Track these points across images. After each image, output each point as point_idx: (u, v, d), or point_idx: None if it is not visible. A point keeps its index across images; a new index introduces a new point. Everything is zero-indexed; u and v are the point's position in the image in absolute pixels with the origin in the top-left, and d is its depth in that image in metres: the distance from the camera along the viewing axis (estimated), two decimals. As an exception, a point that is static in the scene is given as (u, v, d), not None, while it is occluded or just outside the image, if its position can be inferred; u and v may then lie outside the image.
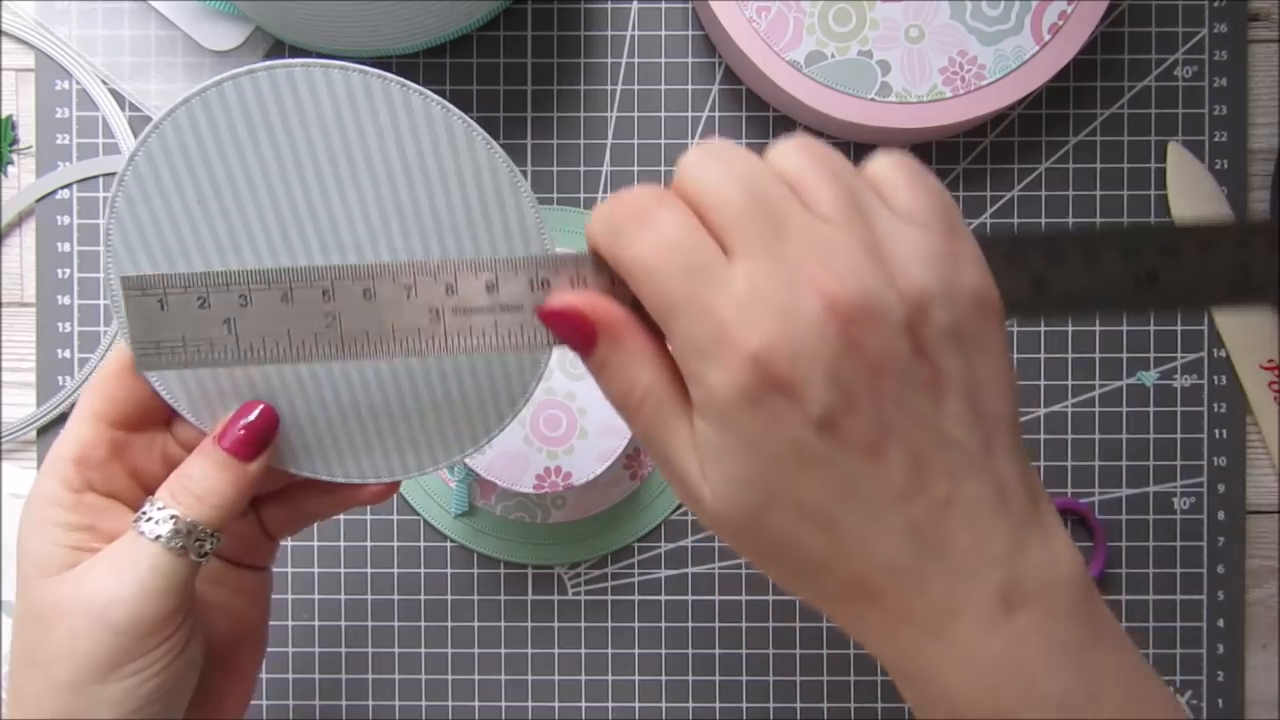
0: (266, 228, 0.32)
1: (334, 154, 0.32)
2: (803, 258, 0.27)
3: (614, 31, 0.50)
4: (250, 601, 0.37)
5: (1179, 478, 0.50)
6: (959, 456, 0.27)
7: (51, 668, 0.31)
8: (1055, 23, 0.45)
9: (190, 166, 0.32)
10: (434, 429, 0.34)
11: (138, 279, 0.31)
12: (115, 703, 0.31)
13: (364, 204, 0.32)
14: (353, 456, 0.35)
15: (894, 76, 0.45)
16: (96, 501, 0.33)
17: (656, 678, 0.50)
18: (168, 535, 0.32)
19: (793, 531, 0.28)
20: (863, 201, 0.28)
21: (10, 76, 0.50)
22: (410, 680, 0.50)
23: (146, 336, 0.31)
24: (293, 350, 0.31)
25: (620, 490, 0.49)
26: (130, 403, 0.34)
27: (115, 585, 0.31)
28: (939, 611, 0.27)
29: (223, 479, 0.32)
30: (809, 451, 0.27)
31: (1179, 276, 0.30)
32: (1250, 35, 0.50)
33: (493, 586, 0.50)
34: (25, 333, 0.50)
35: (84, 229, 0.49)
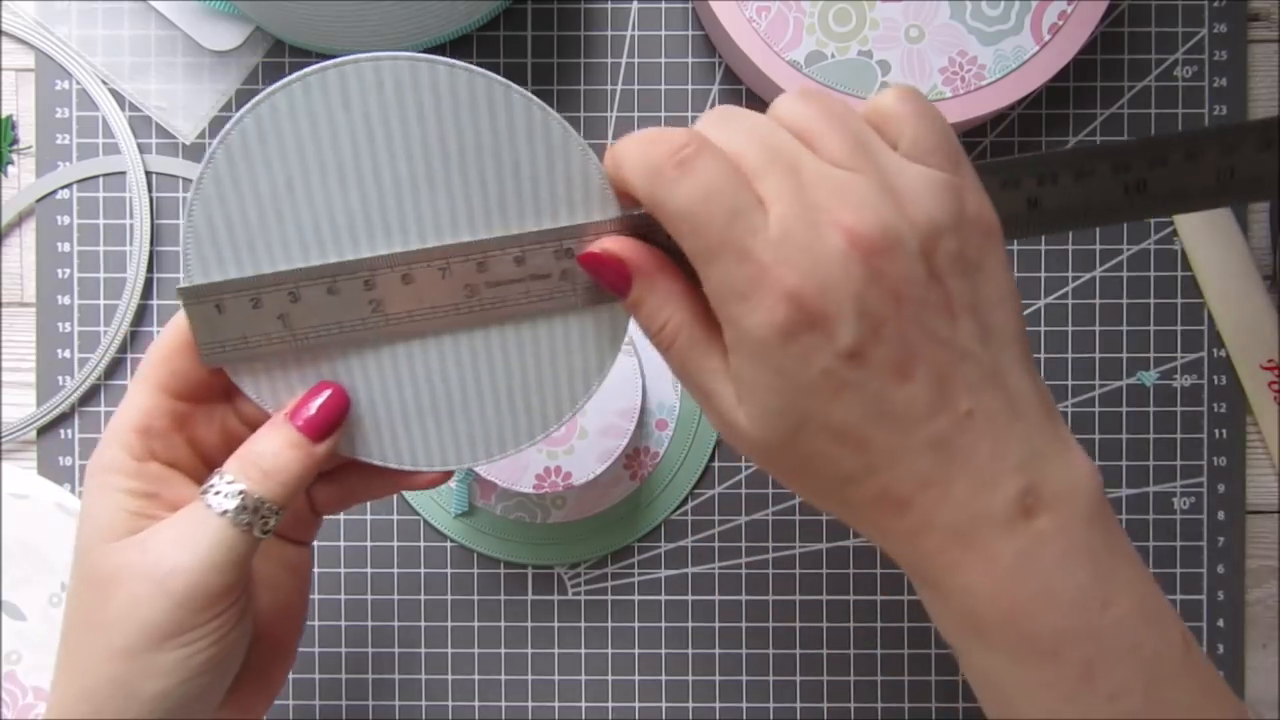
0: (351, 221, 0.33)
1: (426, 148, 0.33)
2: (821, 199, 0.28)
3: (614, 31, 0.50)
4: (293, 575, 0.37)
5: (1179, 478, 0.50)
6: (976, 370, 0.29)
7: (110, 632, 0.31)
8: (1055, 23, 0.45)
9: (268, 161, 0.32)
10: (492, 422, 0.35)
11: (193, 289, 0.32)
12: (168, 671, 0.31)
13: (452, 198, 0.33)
14: (409, 444, 0.35)
15: (894, 76, 0.45)
16: (159, 470, 0.33)
17: (656, 678, 0.50)
18: (235, 510, 0.32)
19: (824, 451, 0.30)
20: (869, 144, 0.30)
21: (10, 76, 0.50)
22: (410, 680, 0.50)
23: (211, 338, 0.33)
24: (344, 334, 0.33)
25: (620, 490, 0.49)
26: (192, 376, 0.34)
27: (178, 555, 0.31)
28: (962, 518, 0.29)
29: (292, 458, 0.33)
30: (840, 378, 0.29)
31: (1167, 183, 0.32)
32: (1250, 35, 0.50)
33: (493, 586, 0.50)
34: (25, 333, 0.50)
35: (84, 229, 0.49)
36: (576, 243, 0.32)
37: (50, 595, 0.48)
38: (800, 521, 0.50)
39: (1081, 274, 0.50)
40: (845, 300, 0.28)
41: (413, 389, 0.35)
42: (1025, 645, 0.29)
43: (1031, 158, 0.32)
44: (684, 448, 0.49)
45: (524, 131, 0.33)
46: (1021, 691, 0.30)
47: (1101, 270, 0.50)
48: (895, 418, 0.29)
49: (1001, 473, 0.29)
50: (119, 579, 0.32)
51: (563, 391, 0.35)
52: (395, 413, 0.35)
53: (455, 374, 0.35)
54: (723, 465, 0.50)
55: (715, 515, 0.50)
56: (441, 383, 0.35)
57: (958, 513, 0.29)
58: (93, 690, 0.32)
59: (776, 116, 0.31)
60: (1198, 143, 0.32)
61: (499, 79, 0.32)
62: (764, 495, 0.50)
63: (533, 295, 0.33)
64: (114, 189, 0.49)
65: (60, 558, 0.48)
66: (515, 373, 0.35)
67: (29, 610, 0.48)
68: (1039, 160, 0.32)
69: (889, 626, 0.50)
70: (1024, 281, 0.49)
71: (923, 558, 0.30)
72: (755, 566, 0.50)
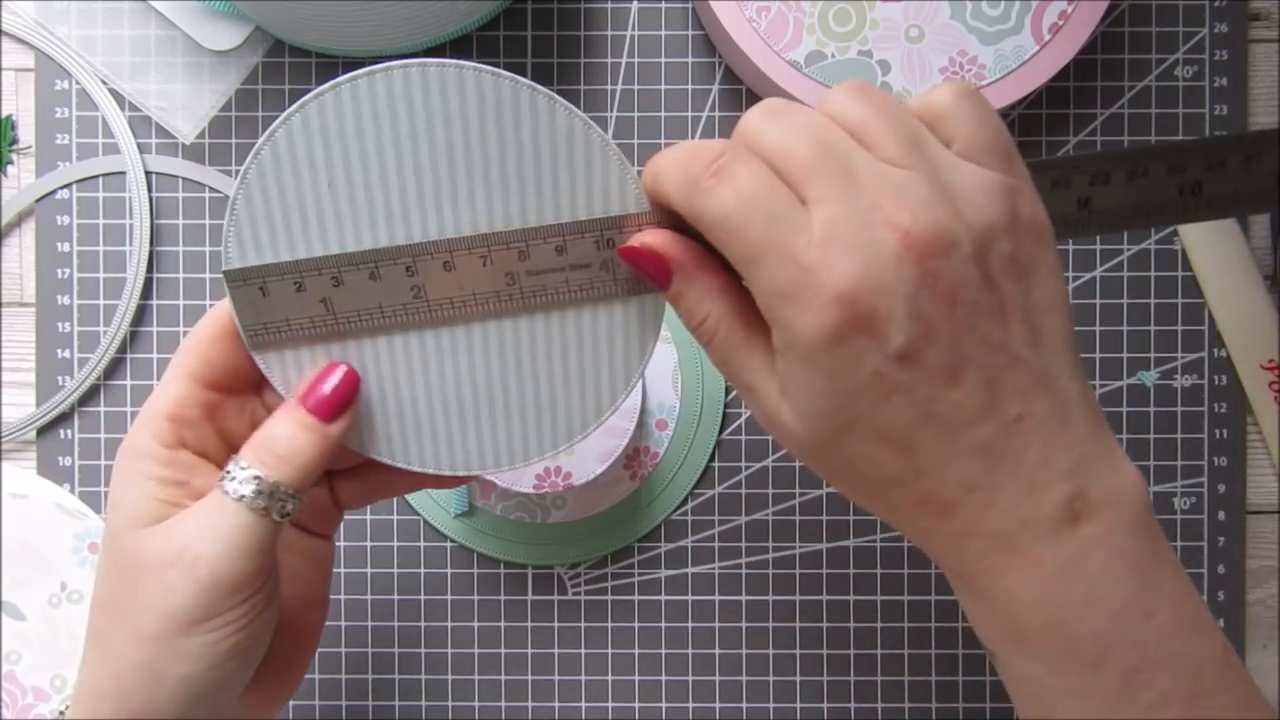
0: (390, 217, 0.34)
1: (466, 152, 0.33)
2: (874, 199, 0.28)
3: (614, 31, 0.50)
4: (315, 566, 0.38)
5: (1179, 478, 0.50)
6: (1027, 376, 0.29)
7: (138, 617, 0.32)
8: (1055, 23, 0.45)
9: (312, 159, 0.33)
10: (517, 429, 0.35)
11: (239, 271, 0.33)
12: (195, 656, 0.32)
13: (490, 204, 0.34)
14: (434, 448, 0.35)
15: (894, 76, 0.45)
16: (189, 459, 0.34)
17: (656, 678, 0.50)
18: (251, 495, 0.32)
19: (870, 453, 0.29)
20: (923, 142, 0.29)
21: (10, 76, 0.50)
22: (410, 680, 0.50)
23: (255, 320, 0.33)
24: (385, 320, 0.33)
25: (620, 490, 0.49)
26: (225, 366, 0.34)
27: (200, 542, 0.32)
28: (1008, 523, 0.29)
29: (305, 440, 0.33)
30: (891, 381, 0.28)
31: (1223, 186, 0.32)
32: (1250, 35, 0.50)
33: (493, 586, 0.50)
34: (25, 333, 0.50)
35: (84, 229, 0.49)
36: (618, 234, 0.33)
37: (50, 595, 0.48)
38: (800, 521, 0.50)
39: (1082, 274, 0.50)
40: (897, 302, 0.28)
41: (440, 393, 0.35)
42: (1066, 653, 0.29)
43: (1084, 157, 0.32)
44: (684, 448, 0.49)
45: (565, 143, 0.33)
46: (1060, 699, 0.29)
47: (1101, 270, 0.50)
48: (943, 421, 0.29)
49: (1049, 479, 0.29)
50: (147, 565, 0.32)
51: (587, 403, 0.35)
52: (422, 416, 0.35)
53: (483, 382, 0.35)
54: (723, 465, 0.50)
55: (715, 515, 0.50)
56: (469, 388, 0.35)
57: (1003, 518, 0.29)
58: (121, 674, 0.32)
59: (828, 112, 0.30)
60: (1258, 145, 0.32)
61: (543, 89, 0.33)
62: (764, 495, 0.50)
63: (573, 285, 0.33)
64: (114, 189, 0.49)
65: (60, 558, 0.48)
66: (543, 381, 0.35)
67: (29, 610, 0.48)
68: (1091, 159, 0.32)
69: (889, 626, 0.50)
70: (1024, 281, 0.49)
71: (966, 562, 0.30)
72: (755, 566, 0.50)
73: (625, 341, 0.35)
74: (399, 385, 0.35)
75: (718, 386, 0.49)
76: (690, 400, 0.49)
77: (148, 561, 0.32)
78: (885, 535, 0.50)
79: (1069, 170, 0.31)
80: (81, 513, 0.49)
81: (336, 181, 0.33)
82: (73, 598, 0.48)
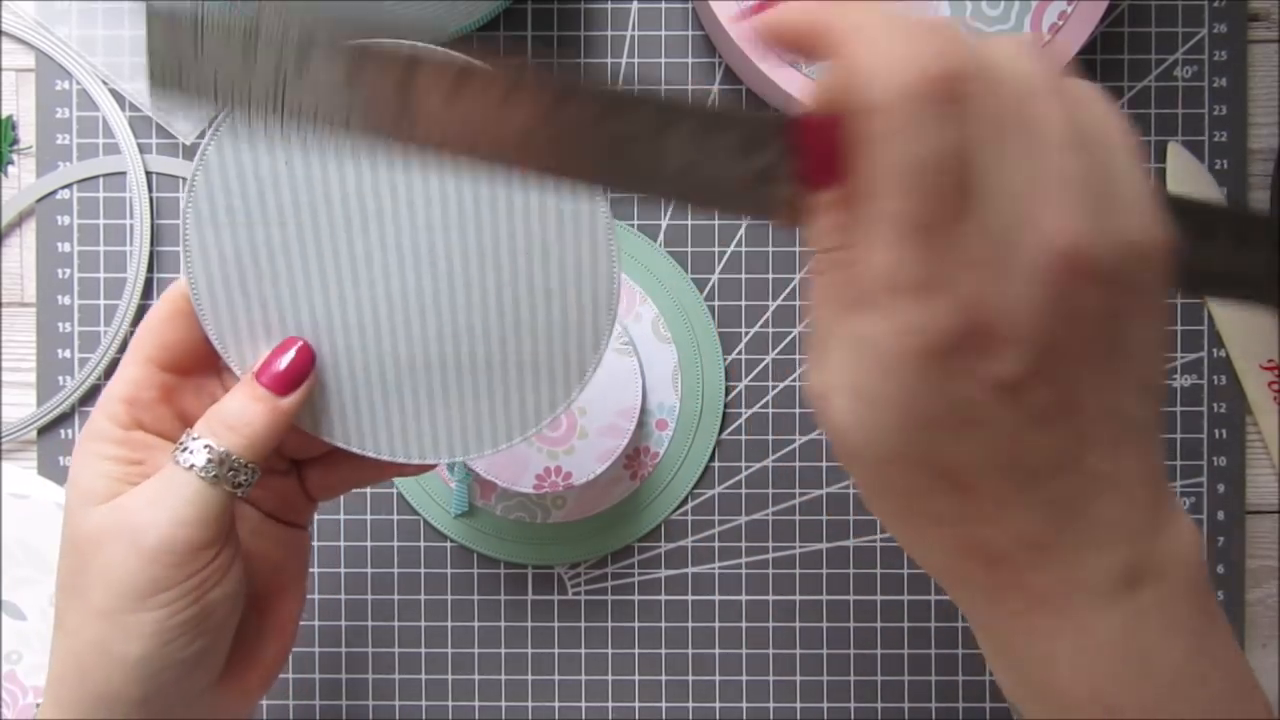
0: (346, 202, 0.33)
1: None
2: (1037, 192, 0.23)
3: (614, 31, 0.50)
4: (289, 554, 0.38)
5: (1179, 478, 0.50)
6: (1122, 429, 0.25)
7: (90, 594, 0.32)
8: (1055, 23, 0.45)
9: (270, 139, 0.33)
10: (484, 415, 0.35)
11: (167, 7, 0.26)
12: (148, 633, 0.32)
13: (445, 192, 0.33)
14: (398, 434, 0.35)
15: (894, 76, 0.45)
16: (144, 438, 0.34)
17: (656, 678, 0.50)
18: (202, 465, 0.32)
19: (922, 485, 0.26)
20: (1089, 139, 0.24)
21: (10, 76, 0.50)
22: (410, 680, 0.50)
23: (171, 58, 0.26)
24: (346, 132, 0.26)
25: (620, 490, 0.49)
26: (180, 347, 0.35)
27: (150, 513, 0.32)
28: (1059, 583, 0.26)
29: (257, 411, 0.33)
30: (979, 413, 0.24)
31: None
32: (1250, 35, 0.50)
33: (493, 586, 0.50)
34: (25, 333, 0.50)
35: (84, 229, 0.49)
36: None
37: (50, 595, 0.48)
38: (800, 521, 0.50)
39: (1081, 274, 0.50)
40: (1023, 323, 0.23)
41: (397, 377, 0.35)
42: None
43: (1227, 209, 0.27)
44: (684, 448, 0.49)
45: None
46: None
47: (1101, 270, 0.50)
48: (1021, 468, 0.25)
49: (1115, 540, 0.26)
50: (97, 541, 0.32)
51: (544, 393, 0.35)
52: (379, 401, 0.35)
53: (440, 366, 0.35)
54: (723, 465, 0.50)
55: (715, 515, 0.50)
56: (424, 372, 0.35)
57: (1055, 577, 0.26)
58: (78, 654, 0.32)
59: (997, 67, 0.24)
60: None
61: None
62: (764, 495, 0.50)
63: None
64: (114, 189, 0.49)
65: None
66: (499, 370, 0.35)
67: (29, 610, 0.48)
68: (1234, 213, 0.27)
69: (889, 626, 0.50)
70: (1024, 281, 0.49)
71: (1000, 618, 0.27)
72: (755, 566, 0.50)
73: (579, 326, 0.34)
74: (353, 367, 0.35)
75: (718, 386, 0.49)
76: (690, 400, 0.49)
77: (98, 537, 0.32)
78: (885, 535, 0.50)
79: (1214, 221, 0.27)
80: (82, 513, 0.49)
81: (294, 159, 0.33)
82: (73, 598, 0.48)
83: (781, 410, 0.50)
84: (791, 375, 0.50)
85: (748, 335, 0.50)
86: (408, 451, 0.35)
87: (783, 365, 0.50)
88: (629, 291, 0.49)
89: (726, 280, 0.50)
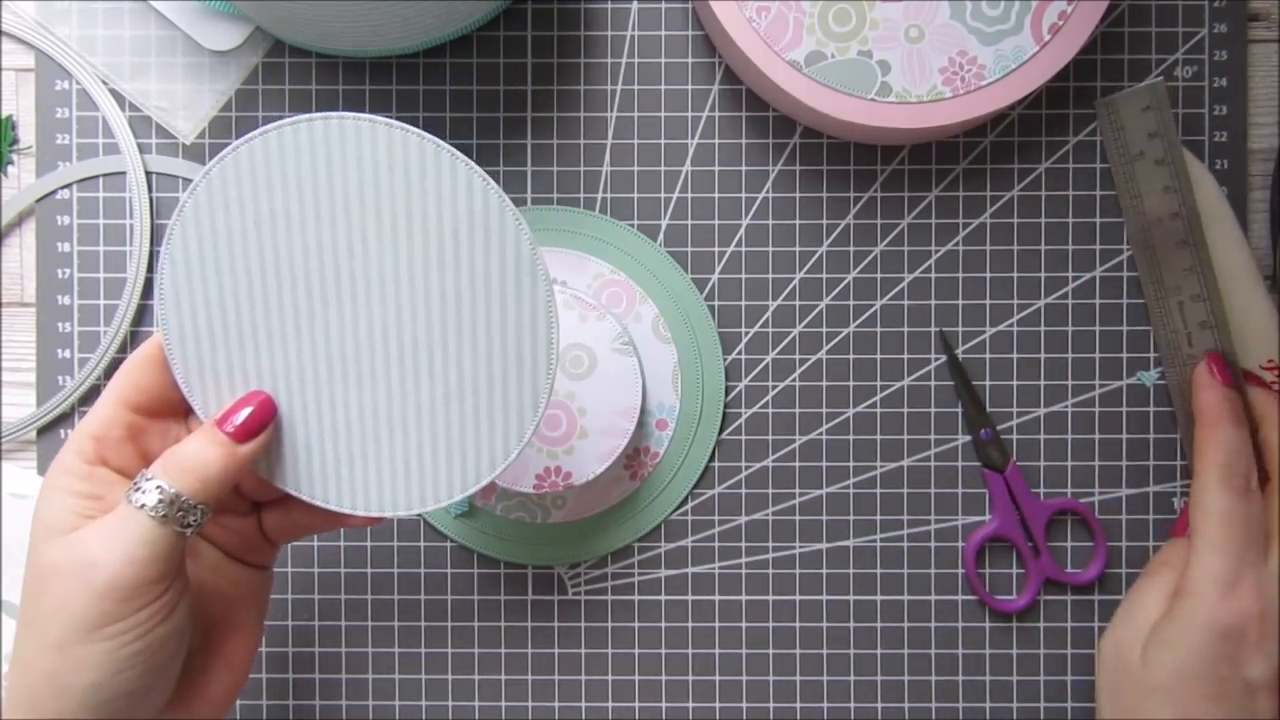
0: (307, 260, 0.35)
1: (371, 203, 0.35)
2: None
3: (614, 31, 0.50)
4: (247, 594, 0.39)
5: (1179, 478, 0.50)
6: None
7: (44, 626, 0.33)
8: (1055, 23, 0.45)
9: (241, 199, 0.35)
10: (428, 470, 0.37)
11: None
12: (96, 664, 0.33)
13: (396, 254, 0.35)
14: (345, 484, 0.37)
15: (894, 76, 0.45)
16: (107, 475, 0.35)
17: (656, 678, 0.50)
18: (152, 504, 0.33)
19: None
20: None
21: (10, 76, 0.50)
22: (410, 680, 0.50)
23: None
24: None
25: (620, 490, 0.49)
26: (152, 391, 0.36)
27: (101, 549, 0.33)
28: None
29: (212, 455, 0.34)
30: (1239, 701, 0.41)
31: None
32: (1250, 35, 0.50)
33: (493, 586, 0.50)
34: (25, 333, 0.50)
35: (84, 229, 0.49)
36: None
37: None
38: (800, 521, 0.50)
39: (1081, 274, 0.50)
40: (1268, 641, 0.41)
41: (347, 431, 0.36)
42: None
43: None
44: (684, 448, 0.49)
45: (461, 194, 0.35)
46: None
47: (1101, 270, 0.50)
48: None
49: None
50: (52, 574, 0.33)
51: (484, 447, 0.36)
52: (330, 452, 0.36)
53: (388, 421, 0.36)
54: (723, 465, 0.50)
55: (715, 515, 0.50)
56: (373, 426, 0.36)
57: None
58: (30, 685, 0.33)
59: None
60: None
61: (461, 155, 0.35)
62: (764, 495, 0.50)
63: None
64: (114, 189, 0.49)
65: (60, 558, 0.48)
66: (448, 422, 0.36)
67: (29, 610, 0.48)
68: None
69: (889, 626, 0.50)
70: (1024, 281, 0.50)
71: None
72: (755, 566, 0.50)
73: (519, 386, 0.36)
74: (309, 419, 0.36)
75: (718, 386, 0.49)
76: (690, 400, 0.49)
77: (54, 570, 0.33)
78: (885, 535, 0.50)
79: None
80: (82, 513, 0.49)
81: (261, 219, 0.35)
82: (73, 598, 0.48)
83: (781, 410, 0.50)
84: (791, 375, 0.50)
85: (748, 335, 0.50)
86: (354, 502, 0.37)
87: (783, 365, 0.50)
88: (629, 291, 0.49)
89: (726, 280, 0.50)
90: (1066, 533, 0.50)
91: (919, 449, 0.50)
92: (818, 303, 0.50)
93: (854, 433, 0.50)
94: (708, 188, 0.50)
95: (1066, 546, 0.50)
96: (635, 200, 0.49)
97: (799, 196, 0.50)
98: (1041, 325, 0.50)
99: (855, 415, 0.50)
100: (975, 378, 0.50)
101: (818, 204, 0.50)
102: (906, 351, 0.50)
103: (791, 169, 0.50)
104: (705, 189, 0.50)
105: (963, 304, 0.50)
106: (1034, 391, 0.50)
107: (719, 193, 0.50)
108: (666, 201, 0.49)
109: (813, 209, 0.50)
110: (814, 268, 0.50)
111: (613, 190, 0.50)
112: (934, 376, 0.50)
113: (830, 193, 0.50)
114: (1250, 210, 0.50)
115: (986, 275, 0.50)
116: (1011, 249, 0.50)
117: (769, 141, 0.50)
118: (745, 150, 0.50)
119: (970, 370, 0.50)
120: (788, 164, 0.50)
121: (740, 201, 0.50)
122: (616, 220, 0.49)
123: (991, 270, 0.50)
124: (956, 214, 0.50)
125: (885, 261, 0.50)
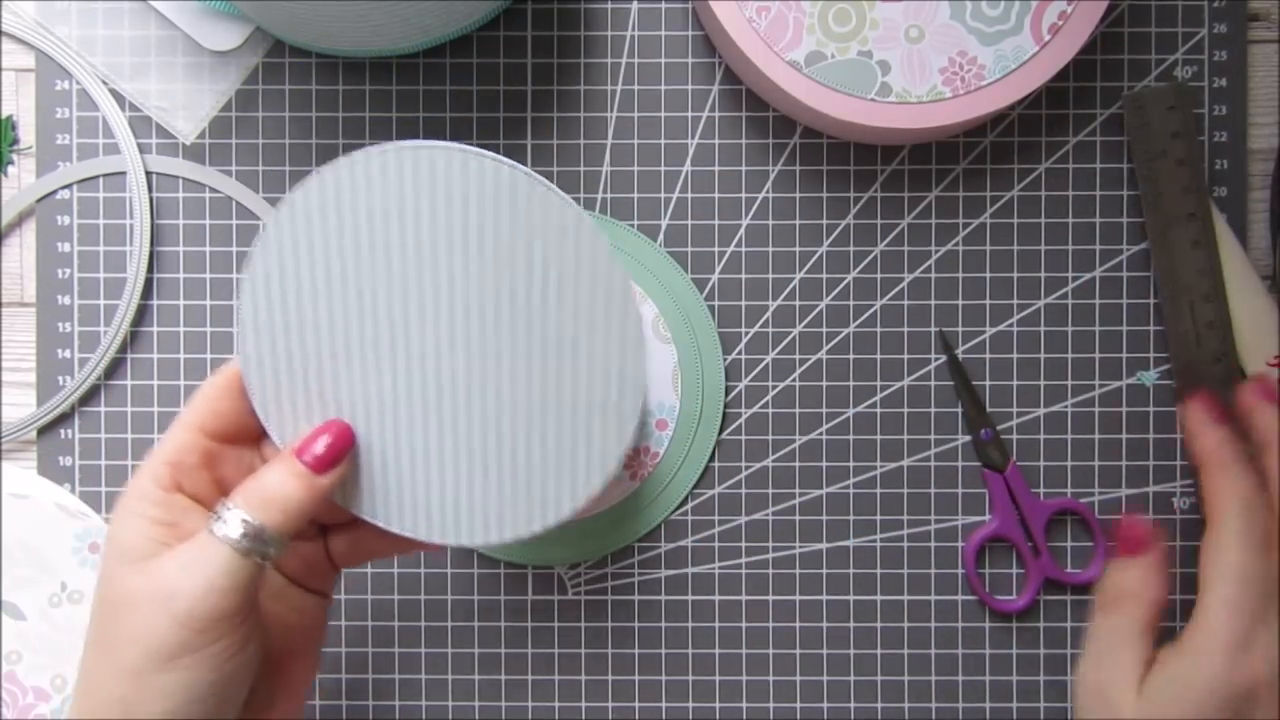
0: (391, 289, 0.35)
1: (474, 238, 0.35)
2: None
3: (614, 31, 0.50)
4: (307, 620, 0.39)
5: (1179, 478, 0.50)
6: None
7: (119, 652, 0.32)
8: (1055, 23, 0.45)
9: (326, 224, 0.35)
10: (507, 502, 0.37)
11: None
12: (170, 693, 0.32)
13: (497, 290, 0.35)
14: (422, 513, 0.37)
15: (894, 77, 0.45)
16: (183, 502, 0.35)
17: (656, 678, 0.50)
18: (236, 536, 0.33)
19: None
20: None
21: (10, 76, 0.50)
22: (410, 680, 0.50)
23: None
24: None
25: (620, 490, 0.49)
26: (229, 418, 0.36)
27: (182, 579, 0.33)
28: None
29: (294, 487, 0.34)
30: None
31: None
32: (1250, 35, 0.50)
33: (493, 586, 0.50)
34: (25, 333, 0.50)
35: (84, 229, 0.49)
36: None
37: (50, 595, 0.48)
38: (800, 521, 0.50)
39: (1081, 274, 0.50)
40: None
41: (425, 461, 0.36)
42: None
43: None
44: (684, 448, 0.49)
45: (554, 228, 0.35)
46: None
47: (1101, 270, 0.50)
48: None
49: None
50: (130, 601, 0.33)
51: (564, 488, 0.36)
52: (407, 479, 0.36)
53: (467, 455, 0.36)
54: (723, 465, 0.50)
55: (715, 515, 0.50)
56: (453, 459, 0.36)
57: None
58: (101, 710, 0.33)
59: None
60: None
61: (540, 178, 0.34)
62: (764, 495, 0.50)
63: None
64: (114, 189, 0.49)
65: (60, 558, 0.48)
66: (527, 462, 0.36)
67: (29, 610, 0.48)
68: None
69: (889, 626, 0.50)
70: (1024, 281, 0.50)
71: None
72: (755, 566, 0.50)
73: (604, 419, 0.36)
74: (386, 447, 0.36)
75: (718, 386, 0.49)
76: (690, 400, 0.49)
77: (131, 598, 0.33)
78: (885, 535, 0.50)
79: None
80: (82, 513, 0.49)
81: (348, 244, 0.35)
82: (73, 598, 0.48)
83: (781, 410, 0.50)
84: (791, 375, 0.50)
85: (748, 335, 0.50)
86: (429, 531, 0.37)
87: (783, 365, 0.50)
88: (629, 291, 0.49)
89: (726, 280, 0.50)
90: (1066, 533, 0.50)
91: (919, 449, 0.50)
92: (818, 303, 0.50)
93: (854, 433, 0.50)
94: (708, 188, 0.50)
95: (1066, 546, 0.50)
96: (635, 200, 0.49)
97: (799, 196, 0.50)
98: (1041, 325, 0.50)
99: (855, 415, 0.50)
100: (975, 378, 0.50)
101: (818, 204, 0.50)
102: (906, 351, 0.50)
103: (791, 169, 0.50)
104: (705, 189, 0.50)
105: (963, 304, 0.50)
106: (1034, 391, 0.50)
107: (719, 193, 0.50)
108: (666, 201, 0.49)
109: (813, 209, 0.50)
110: (814, 268, 0.50)
111: (613, 190, 0.50)
112: (934, 376, 0.50)
113: (830, 193, 0.50)
114: (1250, 210, 0.50)
115: (986, 275, 0.50)
116: (1011, 249, 0.50)
117: (769, 141, 0.50)
118: (745, 150, 0.50)
119: (970, 370, 0.50)
120: (788, 164, 0.50)
121: (740, 201, 0.50)
122: (617, 220, 0.49)
123: (991, 270, 0.50)
124: (956, 214, 0.50)
125: (885, 261, 0.50)
